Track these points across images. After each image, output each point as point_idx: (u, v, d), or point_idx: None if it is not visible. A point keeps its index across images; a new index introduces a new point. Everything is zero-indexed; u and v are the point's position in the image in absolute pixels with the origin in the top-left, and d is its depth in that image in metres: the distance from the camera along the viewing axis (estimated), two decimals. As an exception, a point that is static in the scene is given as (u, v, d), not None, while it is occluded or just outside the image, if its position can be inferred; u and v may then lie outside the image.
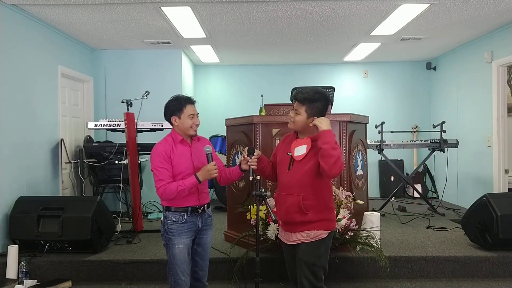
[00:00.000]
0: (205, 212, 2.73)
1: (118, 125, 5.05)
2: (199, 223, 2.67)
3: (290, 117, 2.51)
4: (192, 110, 2.65)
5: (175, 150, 2.62)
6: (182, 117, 2.62)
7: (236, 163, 4.23)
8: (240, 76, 7.67)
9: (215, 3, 4.27)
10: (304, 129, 2.48)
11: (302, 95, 2.45)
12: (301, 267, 2.42)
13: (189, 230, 2.63)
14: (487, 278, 3.72)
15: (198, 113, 2.72)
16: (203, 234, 2.73)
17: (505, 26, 5.25)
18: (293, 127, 2.51)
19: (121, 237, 4.48)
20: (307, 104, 2.43)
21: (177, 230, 2.60)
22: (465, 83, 6.32)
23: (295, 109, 2.48)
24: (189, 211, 2.62)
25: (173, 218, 2.61)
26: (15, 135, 4.26)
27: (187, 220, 2.62)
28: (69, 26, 5.06)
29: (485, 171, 5.80)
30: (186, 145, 2.68)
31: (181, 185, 2.52)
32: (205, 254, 2.76)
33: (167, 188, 2.52)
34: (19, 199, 4.14)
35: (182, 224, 2.60)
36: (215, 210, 6.21)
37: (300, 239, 2.43)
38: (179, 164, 2.61)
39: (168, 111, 2.67)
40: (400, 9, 4.50)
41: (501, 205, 3.81)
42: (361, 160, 4.19)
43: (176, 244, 2.59)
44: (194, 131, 2.67)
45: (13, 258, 3.77)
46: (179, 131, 2.67)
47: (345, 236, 3.39)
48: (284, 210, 2.47)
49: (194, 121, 2.64)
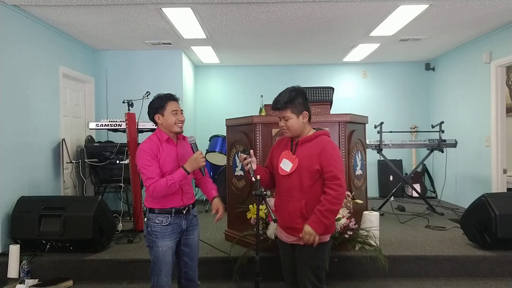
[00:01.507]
0: (189, 213, 2.69)
1: (119, 125, 5.07)
2: (183, 224, 2.65)
3: (282, 126, 2.45)
4: (175, 106, 2.61)
5: (161, 149, 2.58)
6: (165, 114, 2.59)
7: (236, 163, 4.27)
8: (240, 77, 7.69)
9: (216, 4, 4.30)
10: (300, 131, 2.45)
11: (280, 102, 2.41)
12: (305, 270, 2.41)
13: (173, 232, 2.60)
14: (485, 277, 3.74)
15: (182, 110, 2.68)
16: (190, 234, 2.71)
17: (504, 27, 5.27)
18: (291, 134, 2.46)
19: (122, 237, 4.50)
20: (289, 106, 2.39)
21: (161, 233, 2.57)
22: (464, 83, 6.34)
23: (282, 117, 2.43)
24: (173, 213, 2.59)
25: (156, 221, 2.57)
26: (17, 135, 4.28)
27: (171, 222, 2.59)
28: (70, 27, 5.08)
29: (483, 171, 5.82)
30: (172, 144, 2.64)
31: (170, 179, 2.48)
32: (193, 255, 2.74)
33: (157, 185, 2.47)
34: (21, 198, 4.16)
35: (166, 227, 2.57)
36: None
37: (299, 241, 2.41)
38: (165, 163, 2.57)
39: (151, 109, 2.63)
40: (399, 10, 4.52)
41: (500, 205, 3.83)
42: (360, 160, 4.21)
43: (160, 247, 2.57)
44: (179, 127, 2.62)
45: (15, 257, 3.78)
46: (164, 129, 2.63)
47: (344, 236, 3.41)
48: (286, 216, 2.43)
49: (178, 117, 2.60)
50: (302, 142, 2.45)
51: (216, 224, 5.20)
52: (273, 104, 2.45)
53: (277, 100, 2.44)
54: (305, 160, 2.39)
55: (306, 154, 2.40)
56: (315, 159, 2.37)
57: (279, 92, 2.49)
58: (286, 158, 2.45)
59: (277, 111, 2.45)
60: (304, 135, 2.47)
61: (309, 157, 2.39)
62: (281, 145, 2.58)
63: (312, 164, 2.37)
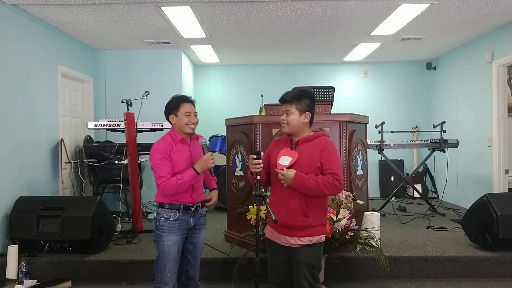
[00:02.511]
0: (198, 211, 2.75)
1: (118, 125, 5.05)
2: (191, 221, 2.70)
3: (283, 120, 2.47)
4: (189, 108, 2.68)
5: (175, 148, 2.66)
6: (178, 115, 2.66)
7: (236, 163, 4.25)
8: (240, 76, 7.67)
9: (215, 3, 4.27)
10: (298, 129, 2.47)
11: (288, 95, 2.47)
12: (302, 269, 2.41)
13: (179, 228, 2.66)
14: (487, 278, 3.72)
15: (196, 112, 2.74)
16: (196, 233, 2.77)
17: (505, 26, 5.25)
18: (289, 129, 2.47)
19: (121, 237, 4.47)
20: (295, 101, 2.44)
21: (168, 227, 2.63)
22: (465, 83, 6.32)
23: (285, 110, 2.47)
24: (181, 209, 2.65)
25: (164, 215, 2.64)
26: (15, 135, 4.26)
27: (179, 218, 2.65)
28: (69, 26, 5.06)
29: (485, 171, 5.79)
30: (186, 144, 2.72)
31: (180, 178, 2.56)
32: (197, 253, 2.80)
33: (167, 184, 2.55)
34: (19, 199, 4.14)
35: (173, 222, 2.64)
36: (215, 210, 6.21)
37: (300, 243, 2.41)
38: (179, 163, 2.64)
39: (167, 110, 2.72)
40: (400, 9, 4.50)
41: (501, 205, 3.81)
42: (361, 160, 4.18)
43: (166, 241, 2.62)
44: (191, 129, 2.69)
45: (13, 258, 3.76)
46: (177, 129, 2.71)
47: (345, 236, 3.38)
48: (284, 213, 2.40)
49: (190, 119, 2.67)
50: (303, 141, 2.46)
51: (215, 224, 5.20)
52: (282, 96, 2.51)
53: (286, 93, 2.51)
54: (307, 158, 2.40)
55: (308, 153, 2.42)
56: (317, 157, 2.40)
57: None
58: (285, 154, 2.46)
59: (283, 104, 2.49)
60: (303, 135, 2.48)
61: (311, 155, 2.41)
62: (279, 145, 2.58)
63: (314, 162, 2.40)
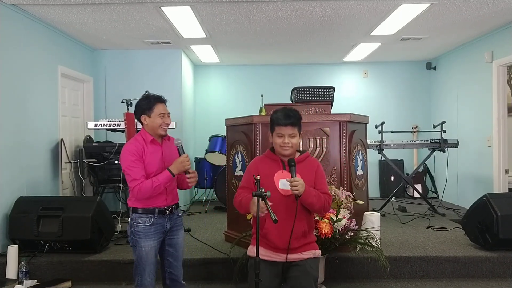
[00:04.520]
0: (173, 213, 2.70)
1: (118, 125, 5.05)
2: (167, 224, 2.66)
3: (286, 143, 2.35)
4: (163, 109, 2.61)
5: (146, 150, 2.58)
6: (152, 116, 2.59)
7: (236, 163, 4.24)
8: (240, 76, 7.66)
9: (215, 3, 4.27)
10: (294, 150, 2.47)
11: (293, 118, 2.35)
12: (309, 282, 2.42)
13: (156, 232, 2.61)
14: (487, 278, 3.72)
15: (169, 112, 2.68)
16: (174, 235, 2.72)
17: (505, 26, 5.24)
18: (291, 152, 2.41)
19: (121, 237, 4.47)
20: (298, 123, 2.40)
21: (144, 233, 2.58)
22: (465, 83, 6.32)
23: (289, 134, 2.36)
24: (156, 213, 2.59)
25: (139, 221, 2.58)
26: (15, 135, 4.26)
27: (154, 222, 2.59)
28: (69, 26, 5.06)
29: (485, 171, 5.79)
30: (157, 145, 2.64)
31: (156, 181, 2.50)
32: (178, 255, 2.75)
33: (142, 187, 2.48)
34: (19, 199, 4.14)
35: (149, 227, 2.58)
36: (215, 210, 6.21)
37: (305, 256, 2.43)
38: (151, 164, 2.57)
39: (138, 109, 2.63)
40: (400, 9, 4.50)
41: (501, 205, 3.81)
42: (361, 160, 4.18)
43: (143, 247, 2.58)
44: (164, 130, 2.63)
45: (13, 258, 3.76)
46: (149, 130, 2.63)
47: (345, 236, 3.38)
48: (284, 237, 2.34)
49: (164, 120, 2.60)
50: (297, 162, 2.38)
51: (215, 224, 5.20)
52: (285, 119, 2.35)
53: (288, 115, 2.36)
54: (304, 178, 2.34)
55: (303, 173, 2.39)
56: (312, 177, 2.44)
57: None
58: (281, 177, 2.41)
59: (289, 127, 2.35)
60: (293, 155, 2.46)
61: (307, 175, 2.41)
62: (266, 165, 2.45)
63: (310, 182, 2.42)
